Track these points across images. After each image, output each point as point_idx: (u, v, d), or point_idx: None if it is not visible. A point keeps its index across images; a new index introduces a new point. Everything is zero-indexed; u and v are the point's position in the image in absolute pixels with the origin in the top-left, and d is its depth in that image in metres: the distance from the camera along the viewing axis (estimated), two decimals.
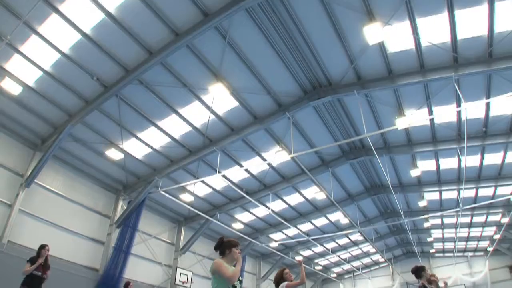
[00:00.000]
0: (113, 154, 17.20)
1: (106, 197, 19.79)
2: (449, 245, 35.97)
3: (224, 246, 4.39)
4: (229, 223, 24.82)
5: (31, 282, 7.28)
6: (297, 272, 29.76)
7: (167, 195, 18.60)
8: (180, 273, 22.90)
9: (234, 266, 4.33)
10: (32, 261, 7.47)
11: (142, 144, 17.16)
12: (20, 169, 15.81)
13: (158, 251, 22.64)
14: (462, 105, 13.07)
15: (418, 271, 6.56)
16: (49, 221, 16.63)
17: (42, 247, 7.66)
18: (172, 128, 16.42)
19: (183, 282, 22.77)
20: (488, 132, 17.03)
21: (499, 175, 20.77)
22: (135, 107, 15.10)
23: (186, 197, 20.69)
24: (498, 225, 28.25)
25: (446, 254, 38.76)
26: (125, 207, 19.83)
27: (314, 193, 22.43)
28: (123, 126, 15.92)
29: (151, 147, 17.44)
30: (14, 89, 13.24)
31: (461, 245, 35.08)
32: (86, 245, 18.25)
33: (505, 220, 25.42)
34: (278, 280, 6.23)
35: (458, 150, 18.07)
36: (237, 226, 25.57)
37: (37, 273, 7.35)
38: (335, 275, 42.30)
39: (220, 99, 14.75)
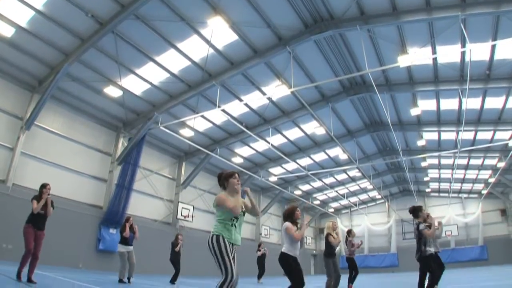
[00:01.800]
0: (112, 91, 17.13)
1: (106, 135, 20.08)
2: (444, 186, 36.83)
3: (222, 179, 4.54)
4: (229, 158, 25.39)
5: (35, 219, 7.62)
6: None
7: (167, 130, 18.88)
8: (182, 208, 23.80)
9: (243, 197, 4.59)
10: (36, 199, 7.77)
11: (141, 80, 17.09)
12: (19, 112, 15.95)
13: (160, 186, 23.35)
14: (467, 46, 12.82)
15: (415, 211, 6.81)
16: (51, 161, 17.09)
17: (43, 186, 7.89)
18: (170, 63, 16.25)
19: (184, 216, 23.75)
20: (491, 76, 16.80)
21: (499, 119, 20.78)
22: (133, 43, 14.82)
23: (186, 132, 21.01)
24: (494, 169, 28.76)
25: (441, 194, 39.83)
26: (125, 144, 20.20)
27: (313, 128, 22.69)
28: (121, 62, 15.74)
29: (150, 83, 17.40)
30: (7, 31, 12.93)
31: (456, 186, 35.93)
32: (89, 183, 18.85)
33: (501, 164, 25.73)
34: (288, 215, 6.34)
35: (460, 92, 17.97)
36: (237, 160, 26.16)
37: (40, 212, 7.67)
38: (332, 210, 43.88)
39: (219, 32, 14.45)
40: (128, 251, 11.15)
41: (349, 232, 11.69)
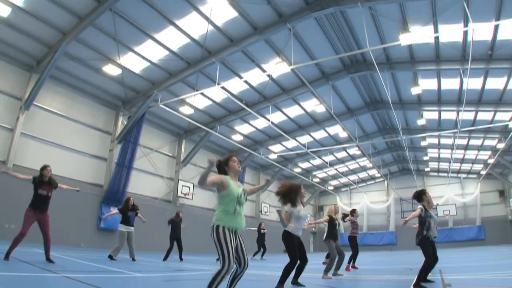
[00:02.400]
0: (111, 70, 16.96)
1: (106, 114, 20.03)
2: (444, 165, 36.99)
3: (222, 165, 4.43)
4: (229, 135, 25.40)
5: (37, 202, 7.67)
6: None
7: (166, 108, 18.84)
8: (182, 185, 23.98)
9: (238, 179, 4.46)
10: (35, 180, 7.77)
11: (140, 58, 16.93)
12: (18, 92, 15.87)
13: (160, 164, 23.47)
14: (470, 26, 12.71)
15: (419, 196, 6.74)
16: (51, 141, 17.14)
17: (44, 168, 7.88)
18: (169, 40, 16.07)
19: (185, 194, 23.96)
20: (493, 56, 16.60)
21: (500, 100, 20.66)
22: (131, 21, 14.62)
23: (185, 110, 21.01)
24: (494, 150, 28.78)
25: (440, 174, 40.08)
26: (125, 123, 20.19)
27: (313, 105, 22.65)
28: (119, 40, 15.58)
29: (149, 61, 17.26)
30: (3, 11, 12.71)
31: (455, 166, 36.09)
32: (89, 162, 18.96)
33: (501, 145, 25.78)
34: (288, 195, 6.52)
35: (461, 71, 17.83)
36: (237, 138, 26.20)
37: (42, 193, 7.70)
38: (332, 187, 44.21)
39: (218, 9, 14.25)
40: (128, 231, 11.16)
41: (353, 212, 11.79)
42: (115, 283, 5.67)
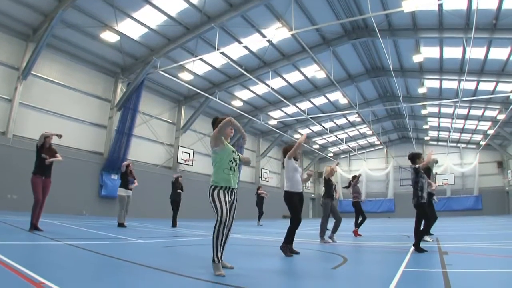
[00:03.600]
0: (109, 36, 16.65)
1: (105, 81, 19.88)
2: (443, 135, 37.06)
3: (217, 124, 4.44)
4: (229, 101, 25.35)
5: (42, 168, 7.75)
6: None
7: (166, 74, 18.70)
8: (182, 152, 24.11)
9: (229, 142, 4.57)
10: (37, 147, 7.87)
11: (138, 24, 16.60)
12: (15, 62, 15.68)
13: (160, 131, 23.52)
14: None
15: (414, 158, 6.90)
16: (51, 110, 17.08)
17: (48, 136, 7.91)
18: (167, 5, 15.69)
19: (185, 160, 24.13)
20: (497, 26, 16.25)
21: (502, 71, 20.41)
22: None
23: (185, 76, 20.83)
24: (494, 120, 28.71)
25: (440, 143, 40.16)
26: (124, 90, 20.08)
27: (314, 71, 22.44)
28: (117, 6, 15.22)
29: (147, 27, 16.93)
30: None
31: (455, 135, 36.19)
32: (89, 130, 18.99)
33: (502, 116, 25.69)
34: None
35: (464, 40, 17.55)
36: (237, 103, 26.15)
37: (45, 156, 7.81)
38: (331, 154, 44.44)
39: None
40: (128, 195, 11.38)
41: (354, 178, 11.89)
42: (117, 249, 5.81)
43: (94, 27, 16.21)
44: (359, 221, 10.82)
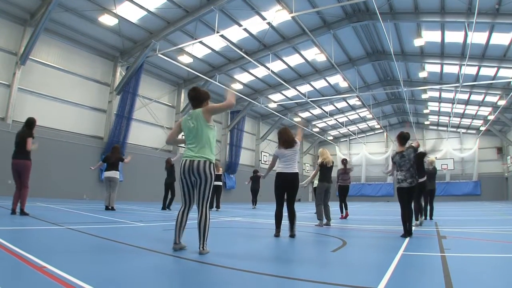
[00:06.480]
0: (107, 20, 16.40)
1: (103, 65, 19.71)
2: (443, 119, 36.96)
3: (202, 97, 4.57)
4: (229, 84, 25.13)
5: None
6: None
7: (165, 58, 18.54)
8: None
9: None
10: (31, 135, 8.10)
11: (136, 6, 16.32)
12: (13, 47, 15.51)
13: (160, 114, 23.45)
14: None
15: (406, 139, 6.73)
16: (50, 95, 16.99)
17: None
18: None
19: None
20: (500, 10, 16.04)
21: (504, 56, 20.26)
22: None
23: (184, 59, 20.66)
24: (494, 106, 28.63)
25: (440, 128, 40.13)
26: (123, 74, 19.91)
27: (314, 54, 22.26)
28: None
29: (146, 10, 16.67)
30: None
31: (455, 120, 36.10)
32: (89, 114, 18.90)
33: (502, 102, 25.61)
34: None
35: (466, 25, 17.36)
36: (237, 86, 25.97)
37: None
38: (331, 138, 44.45)
39: None
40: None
41: (344, 161, 11.89)
42: (118, 233, 5.89)
43: (92, 11, 16.02)
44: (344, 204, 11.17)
